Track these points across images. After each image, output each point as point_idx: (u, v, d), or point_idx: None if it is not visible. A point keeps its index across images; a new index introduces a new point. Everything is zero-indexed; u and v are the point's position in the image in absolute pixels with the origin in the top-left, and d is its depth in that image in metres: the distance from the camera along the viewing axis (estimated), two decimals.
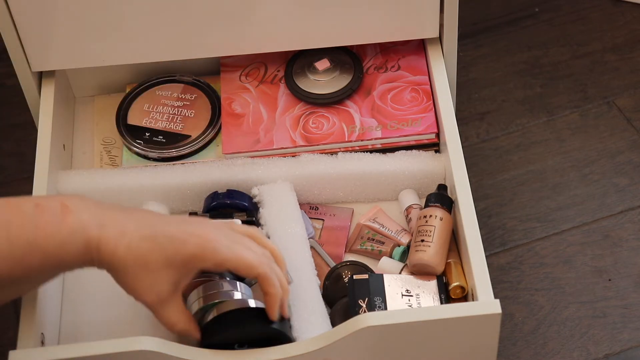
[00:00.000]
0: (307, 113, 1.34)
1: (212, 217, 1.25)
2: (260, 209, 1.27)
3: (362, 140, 1.31)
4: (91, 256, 1.01)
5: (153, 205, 1.29)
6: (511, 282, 1.42)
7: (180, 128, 1.36)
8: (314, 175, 1.29)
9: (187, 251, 1.03)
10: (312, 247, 1.26)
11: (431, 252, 1.18)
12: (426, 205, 1.23)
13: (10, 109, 1.65)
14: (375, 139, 1.31)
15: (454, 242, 1.23)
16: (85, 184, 1.29)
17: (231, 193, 1.27)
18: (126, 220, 1.02)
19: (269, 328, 1.09)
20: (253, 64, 1.40)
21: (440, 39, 1.35)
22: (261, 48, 1.33)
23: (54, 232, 1.00)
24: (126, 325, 1.20)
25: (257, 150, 1.32)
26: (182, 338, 1.15)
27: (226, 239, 1.05)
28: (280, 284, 1.08)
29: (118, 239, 1.01)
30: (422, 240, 1.19)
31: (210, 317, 1.10)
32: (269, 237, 1.24)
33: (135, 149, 1.34)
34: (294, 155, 1.31)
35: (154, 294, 1.04)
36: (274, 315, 1.08)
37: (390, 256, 1.26)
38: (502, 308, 1.07)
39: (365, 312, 1.14)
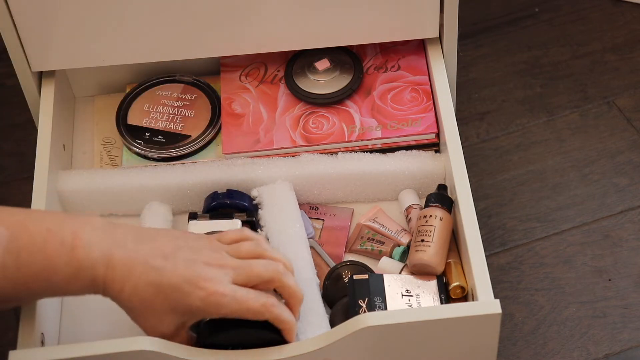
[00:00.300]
0: (307, 113, 1.34)
1: (212, 217, 1.25)
2: (260, 210, 1.27)
3: (362, 140, 1.31)
4: (96, 291, 1.03)
5: (155, 206, 1.29)
6: (511, 282, 1.42)
7: (180, 128, 1.36)
8: (314, 175, 1.29)
9: (191, 304, 1.03)
10: (312, 247, 1.26)
11: (431, 252, 1.18)
12: (426, 205, 1.23)
13: (10, 109, 1.65)
14: (375, 139, 1.31)
15: (454, 242, 1.23)
16: (85, 184, 1.29)
17: (231, 193, 1.27)
18: (135, 257, 1.02)
19: (268, 334, 1.09)
20: (253, 64, 1.40)
21: (440, 39, 1.35)
22: (261, 48, 1.33)
23: (61, 265, 1.00)
24: (126, 326, 1.20)
25: (257, 150, 1.32)
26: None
27: (229, 284, 1.04)
28: (292, 294, 1.09)
29: (124, 281, 1.02)
30: (422, 240, 1.19)
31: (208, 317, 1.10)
32: (268, 239, 1.24)
33: (135, 149, 1.34)
34: (294, 155, 1.31)
35: (159, 332, 1.05)
36: (292, 340, 1.09)
37: (390, 256, 1.26)
38: (502, 308, 1.07)
39: (365, 312, 1.14)
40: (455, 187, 1.21)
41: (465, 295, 1.18)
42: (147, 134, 1.35)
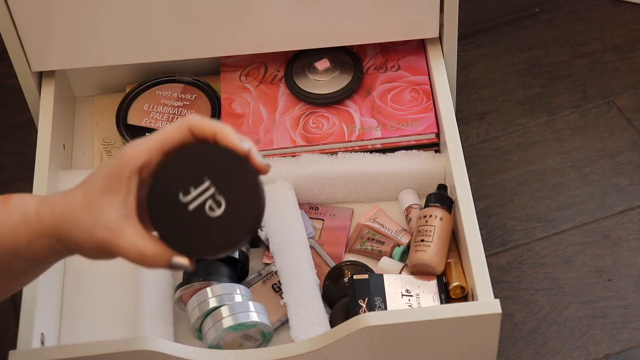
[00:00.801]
0: (307, 113, 1.34)
1: None
2: None
3: (362, 140, 1.31)
4: (32, 228, 0.95)
5: None
6: (511, 282, 1.42)
7: None
8: (314, 175, 1.29)
9: (112, 164, 0.94)
10: (312, 247, 1.26)
11: (431, 252, 1.18)
12: (426, 205, 1.23)
13: (10, 109, 1.65)
14: (375, 139, 1.31)
15: (454, 242, 1.23)
16: None
17: None
18: (63, 193, 0.97)
19: (216, 148, 0.93)
20: (253, 64, 1.40)
21: (440, 39, 1.34)
22: (261, 48, 1.33)
23: None
24: (126, 326, 1.20)
25: (257, 150, 1.31)
26: (186, 337, 1.15)
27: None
28: (208, 129, 0.95)
29: (55, 200, 0.95)
30: (422, 240, 1.19)
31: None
32: (268, 239, 1.24)
33: None
34: (294, 155, 1.31)
35: (103, 227, 0.93)
36: (239, 147, 0.94)
37: (390, 256, 1.26)
38: (502, 308, 1.07)
39: (365, 312, 1.14)
40: (455, 187, 1.21)
41: (465, 295, 1.18)
42: (147, 134, 1.35)
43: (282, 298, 1.20)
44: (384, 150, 1.32)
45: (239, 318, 1.13)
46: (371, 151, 1.32)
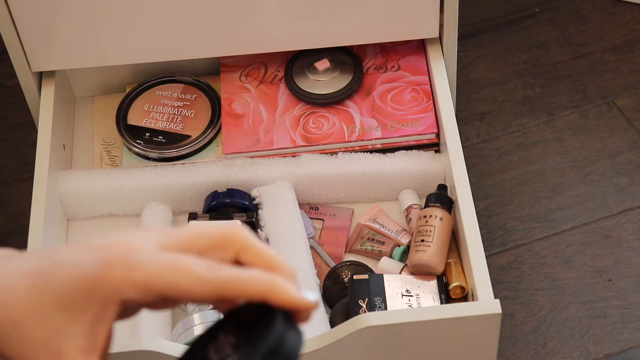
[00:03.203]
0: (307, 113, 1.34)
1: (212, 217, 1.25)
2: (260, 210, 1.27)
3: (362, 140, 1.31)
4: None
5: (155, 206, 1.29)
6: (511, 282, 1.42)
7: (180, 128, 1.36)
8: (314, 175, 1.29)
9: (89, 269, 0.64)
10: (312, 247, 1.26)
11: (431, 252, 1.18)
12: (426, 205, 1.23)
13: (10, 109, 1.65)
14: (375, 139, 1.31)
15: (454, 242, 1.23)
16: (85, 184, 1.29)
17: (231, 192, 1.27)
18: (22, 259, 0.67)
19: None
20: (253, 64, 1.40)
21: (440, 39, 1.35)
22: (261, 48, 1.33)
23: None
24: (125, 326, 1.20)
25: (257, 150, 1.32)
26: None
27: (152, 244, 0.66)
28: (269, 261, 0.67)
29: (5, 288, 0.65)
30: (422, 240, 1.19)
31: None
32: (268, 239, 1.24)
33: (135, 149, 1.34)
34: (294, 155, 1.31)
35: (53, 355, 0.65)
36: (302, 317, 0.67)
37: (390, 256, 1.26)
38: (502, 308, 1.07)
39: (365, 312, 1.14)
40: (455, 187, 1.21)
41: (465, 295, 1.18)
42: (147, 134, 1.35)
43: None
44: (384, 151, 1.32)
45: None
46: (371, 151, 1.32)
